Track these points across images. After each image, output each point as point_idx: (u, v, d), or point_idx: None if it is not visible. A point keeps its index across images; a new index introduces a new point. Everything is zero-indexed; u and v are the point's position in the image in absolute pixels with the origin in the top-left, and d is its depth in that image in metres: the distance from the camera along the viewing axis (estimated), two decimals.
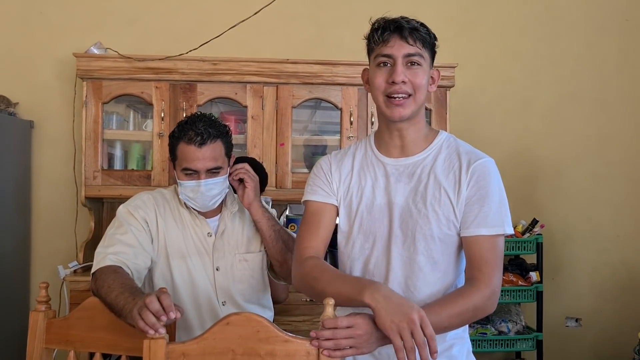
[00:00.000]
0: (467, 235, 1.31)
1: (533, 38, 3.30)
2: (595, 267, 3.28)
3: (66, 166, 3.03)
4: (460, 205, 1.31)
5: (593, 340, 3.28)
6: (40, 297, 1.50)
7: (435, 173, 1.34)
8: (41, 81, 3.06)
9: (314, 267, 1.34)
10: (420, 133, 1.39)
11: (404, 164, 1.38)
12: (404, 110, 1.32)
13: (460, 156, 1.35)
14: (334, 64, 2.82)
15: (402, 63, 1.30)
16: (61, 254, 2.99)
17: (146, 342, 1.17)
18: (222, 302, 1.73)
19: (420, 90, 1.32)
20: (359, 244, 1.39)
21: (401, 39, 1.30)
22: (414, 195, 1.34)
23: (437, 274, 1.34)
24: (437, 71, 1.40)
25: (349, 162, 1.45)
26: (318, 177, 1.46)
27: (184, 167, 1.66)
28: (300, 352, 1.19)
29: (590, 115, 3.31)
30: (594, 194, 3.29)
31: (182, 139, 1.66)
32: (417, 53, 1.31)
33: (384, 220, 1.36)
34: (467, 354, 1.41)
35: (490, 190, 1.31)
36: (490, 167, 1.33)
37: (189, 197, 1.69)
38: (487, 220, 1.29)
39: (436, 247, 1.33)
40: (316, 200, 1.43)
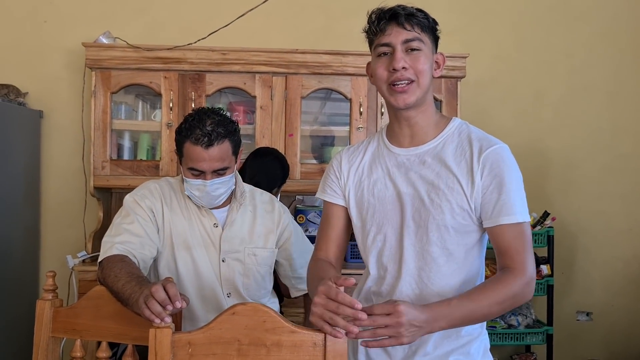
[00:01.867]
0: (490, 226, 1.28)
1: (546, 28, 3.25)
2: (606, 261, 3.24)
3: (75, 156, 3.04)
4: (475, 194, 1.27)
5: (604, 334, 3.25)
6: (47, 286, 1.49)
7: (447, 161, 1.31)
8: (50, 71, 3.06)
9: (311, 269, 1.43)
10: (429, 120, 1.36)
11: (415, 153, 1.35)
12: (409, 97, 1.29)
13: (471, 143, 1.31)
14: (343, 54, 2.79)
15: (401, 50, 1.28)
16: (70, 244, 3.00)
17: (152, 331, 1.17)
18: (227, 294, 1.72)
19: (423, 75, 1.29)
20: (372, 236, 1.38)
21: (398, 26, 1.28)
22: (426, 185, 1.31)
23: (452, 266, 1.31)
24: (442, 55, 1.36)
25: (361, 155, 1.44)
26: (328, 174, 1.48)
27: (190, 166, 1.63)
28: (306, 343, 1.18)
29: (603, 107, 3.26)
30: (606, 187, 3.25)
31: (188, 138, 1.60)
32: (415, 38, 1.28)
33: (396, 211, 1.34)
34: (484, 352, 1.36)
35: (507, 177, 1.26)
36: (503, 153, 1.29)
37: (195, 195, 1.68)
38: (507, 209, 1.25)
39: (450, 238, 1.29)
40: (326, 200, 1.47)
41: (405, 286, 1.32)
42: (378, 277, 1.38)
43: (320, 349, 1.17)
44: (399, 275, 1.33)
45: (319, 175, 2.79)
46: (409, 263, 1.32)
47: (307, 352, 1.17)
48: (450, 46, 2.68)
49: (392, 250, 1.35)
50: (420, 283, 1.31)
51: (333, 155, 2.87)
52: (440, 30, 1.36)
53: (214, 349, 1.17)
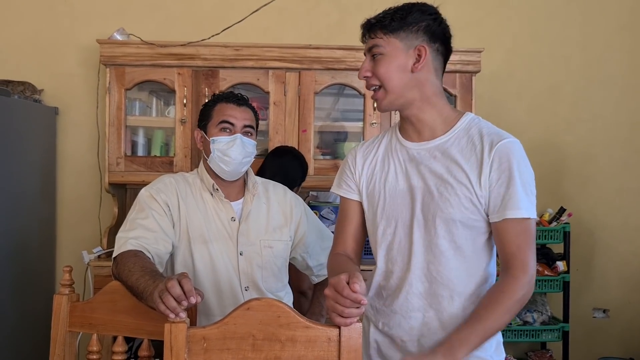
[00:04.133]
0: (495, 220, 1.28)
1: (562, 21, 3.21)
2: (624, 258, 3.20)
3: (90, 152, 3.06)
4: (483, 189, 1.27)
5: (620, 331, 3.21)
6: (64, 281, 1.50)
7: (456, 156, 1.31)
8: (65, 68, 3.09)
9: (330, 263, 1.46)
10: (434, 117, 1.36)
11: (426, 148, 1.36)
12: (380, 102, 1.35)
13: (482, 137, 1.31)
14: (357, 49, 2.77)
15: (369, 59, 1.35)
16: (85, 240, 3.03)
17: (167, 325, 1.17)
18: (245, 288, 1.72)
19: (387, 79, 1.32)
20: (382, 229, 1.39)
21: (364, 37, 1.36)
22: (435, 179, 1.32)
23: (460, 260, 1.31)
24: (422, 47, 1.31)
25: (375, 149, 1.46)
26: (343, 169, 1.50)
27: (222, 120, 1.72)
28: (321, 338, 1.18)
29: (621, 101, 3.22)
30: (623, 183, 3.21)
31: (220, 100, 1.76)
32: (374, 45, 1.33)
33: (406, 205, 1.36)
34: (496, 346, 1.36)
35: (516, 172, 1.25)
36: (513, 148, 1.28)
37: (222, 157, 1.70)
38: (514, 203, 1.24)
39: (458, 232, 1.30)
40: (342, 196, 1.49)
41: (415, 279, 1.33)
42: (386, 271, 1.39)
43: (334, 345, 1.17)
44: (408, 269, 1.34)
45: (333, 171, 2.79)
46: (417, 256, 1.33)
47: (322, 348, 1.17)
48: (464, 40, 2.67)
49: (401, 244, 1.36)
50: (429, 276, 1.32)
51: (347, 151, 2.88)
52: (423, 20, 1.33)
53: (229, 344, 1.18)
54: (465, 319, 1.26)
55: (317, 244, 1.89)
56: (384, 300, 1.39)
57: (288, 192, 1.89)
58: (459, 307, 1.31)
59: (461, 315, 1.31)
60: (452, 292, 1.31)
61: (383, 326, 1.39)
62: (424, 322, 1.33)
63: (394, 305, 1.36)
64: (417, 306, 1.34)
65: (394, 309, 1.36)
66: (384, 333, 1.40)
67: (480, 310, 1.24)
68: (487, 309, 1.23)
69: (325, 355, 1.17)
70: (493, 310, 1.23)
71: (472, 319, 1.23)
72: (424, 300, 1.33)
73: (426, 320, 1.33)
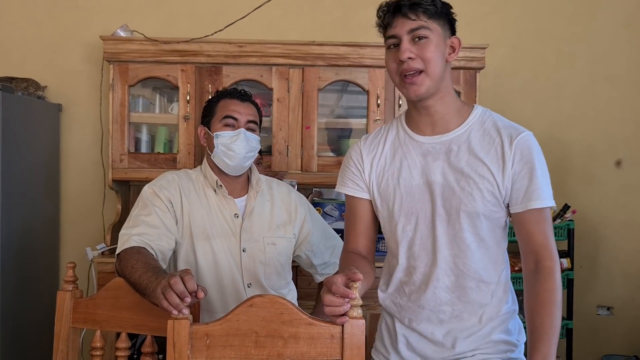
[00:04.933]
0: (519, 211, 1.31)
1: (567, 17, 3.19)
2: (628, 255, 3.19)
3: (94, 149, 3.06)
4: (506, 181, 1.30)
5: (625, 329, 3.20)
6: (67, 277, 1.51)
7: (475, 150, 1.32)
8: (69, 64, 3.09)
9: (341, 261, 1.45)
10: (450, 108, 1.36)
11: (440, 142, 1.36)
12: (419, 87, 1.30)
13: (500, 131, 1.33)
14: (360, 45, 2.77)
15: (407, 40, 1.29)
16: (89, 236, 3.03)
17: (170, 322, 1.17)
18: (248, 284, 1.73)
19: (431, 63, 1.29)
20: (401, 226, 1.38)
21: (403, 17, 1.29)
22: (455, 174, 1.32)
23: (484, 251, 1.34)
24: (457, 39, 1.36)
25: (381, 144, 1.43)
26: (348, 167, 1.47)
27: (226, 115, 1.73)
28: (324, 335, 1.18)
29: (626, 98, 3.20)
30: (628, 180, 3.19)
31: (224, 96, 1.78)
32: (420, 26, 1.29)
33: (425, 200, 1.35)
34: (519, 329, 1.42)
35: (536, 164, 1.30)
36: (532, 141, 1.33)
37: (226, 152, 1.70)
38: (538, 194, 1.29)
39: (482, 224, 1.32)
40: (348, 194, 1.47)
41: (442, 274, 1.34)
42: (408, 267, 1.38)
43: (337, 341, 1.17)
44: (434, 264, 1.34)
45: (336, 167, 2.78)
46: (443, 251, 1.34)
47: (325, 344, 1.17)
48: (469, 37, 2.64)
49: (423, 239, 1.36)
50: (456, 270, 1.34)
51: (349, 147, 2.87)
52: (456, 13, 1.35)
53: (231, 341, 1.18)
54: (532, 334, 1.26)
55: (321, 242, 1.90)
56: (408, 297, 1.39)
57: (292, 190, 1.90)
58: (488, 294, 1.35)
59: (490, 301, 1.35)
60: (479, 282, 1.34)
61: (410, 322, 1.39)
62: (453, 314, 1.35)
63: (420, 300, 1.37)
64: (445, 300, 1.35)
65: (421, 304, 1.37)
66: (412, 328, 1.40)
67: (539, 318, 1.26)
68: (544, 315, 1.26)
69: (328, 352, 1.17)
70: (550, 313, 1.25)
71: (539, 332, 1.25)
72: (452, 293, 1.34)
73: (456, 312, 1.35)
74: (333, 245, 1.94)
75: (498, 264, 1.36)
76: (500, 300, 1.36)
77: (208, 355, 1.18)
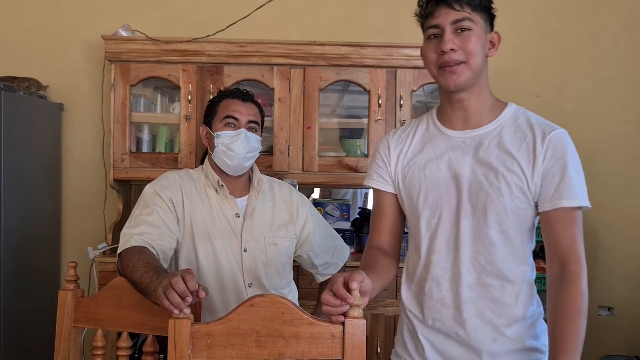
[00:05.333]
0: (546, 209, 1.26)
1: (569, 17, 3.19)
2: (630, 255, 3.18)
3: (95, 149, 3.07)
4: (535, 177, 1.26)
5: (625, 329, 3.19)
6: (69, 277, 1.51)
7: (505, 145, 1.29)
8: (70, 64, 3.09)
9: (363, 257, 1.42)
10: (484, 103, 1.34)
11: (471, 136, 1.33)
12: (458, 77, 1.27)
13: (532, 127, 1.30)
14: (362, 45, 2.77)
15: (450, 31, 1.26)
16: (90, 236, 3.04)
17: (171, 321, 1.17)
18: (249, 284, 1.73)
19: (473, 55, 1.27)
20: (425, 219, 1.35)
21: (447, 7, 1.26)
22: (483, 168, 1.29)
23: (509, 249, 1.30)
24: (497, 34, 1.34)
25: (409, 138, 1.41)
26: (374, 160, 1.46)
27: (227, 115, 1.73)
28: (325, 335, 1.17)
29: (628, 99, 3.20)
30: (630, 180, 3.19)
31: (226, 96, 1.78)
32: (465, 18, 1.26)
33: (451, 194, 1.32)
34: (545, 331, 1.35)
35: (569, 161, 1.26)
36: (566, 138, 1.29)
37: (226, 152, 1.70)
38: (568, 192, 1.25)
39: (509, 221, 1.28)
40: (375, 188, 1.45)
41: (464, 270, 1.30)
42: (428, 262, 1.35)
43: (338, 341, 1.17)
44: (455, 259, 1.31)
45: (337, 167, 2.79)
46: (465, 246, 1.30)
47: (325, 344, 1.17)
48: None
49: (446, 234, 1.33)
50: (478, 266, 1.30)
51: (351, 148, 2.88)
52: (496, 9, 1.33)
53: (232, 340, 1.18)
54: (554, 344, 1.20)
55: (322, 242, 1.89)
56: (431, 294, 1.35)
57: (294, 190, 1.90)
58: (512, 295, 1.30)
59: (516, 302, 1.30)
60: (503, 280, 1.30)
61: (434, 322, 1.35)
62: (476, 313, 1.31)
63: (444, 299, 1.33)
64: (467, 298, 1.31)
65: (443, 302, 1.33)
66: (437, 329, 1.35)
67: (562, 327, 1.20)
68: (568, 323, 1.20)
69: (329, 352, 1.17)
70: (574, 321, 1.20)
71: (561, 342, 1.19)
72: (474, 291, 1.31)
73: (478, 311, 1.31)
74: (334, 246, 1.94)
75: (523, 264, 1.32)
76: (526, 303, 1.32)
77: (209, 355, 1.18)
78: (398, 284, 2.58)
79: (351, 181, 2.80)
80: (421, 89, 2.85)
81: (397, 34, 3.03)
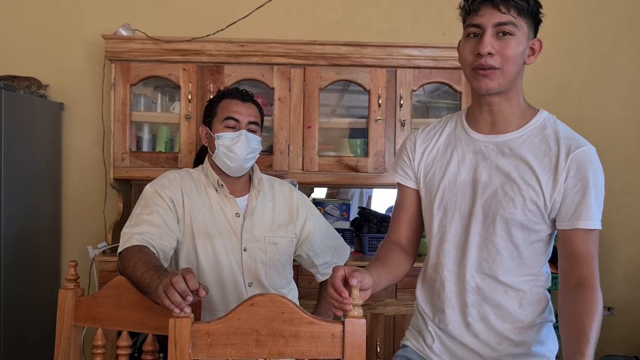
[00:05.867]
0: (566, 228, 1.24)
1: (569, 17, 3.19)
2: (630, 255, 3.19)
3: (95, 148, 3.07)
4: (555, 194, 1.24)
5: (625, 329, 3.20)
6: (69, 275, 1.51)
7: (527, 155, 1.26)
8: (71, 63, 3.09)
9: (377, 250, 1.42)
10: (514, 109, 1.31)
11: (495, 142, 1.31)
12: (491, 82, 1.24)
13: (559, 140, 1.26)
14: (362, 45, 2.77)
15: (491, 33, 1.22)
16: (90, 235, 3.04)
17: (171, 320, 1.18)
18: (249, 284, 1.73)
19: (510, 62, 1.23)
20: (438, 220, 1.35)
21: (492, 7, 1.21)
22: (501, 176, 1.27)
23: (516, 260, 1.28)
24: (539, 41, 1.29)
25: (436, 136, 1.41)
26: (400, 155, 1.46)
27: (227, 116, 1.73)
28: (324, 334, 1.18)
29: (628, 99, 3.20)
30: (630, 180, 3.19)
31: (225, 97, 1.77)
32: (509, 22, 1.21)
33: (466, 198, 1.31)
34: (552, 339, 1.37)
35: (592, 181, 1.23)
36: (592, 156, 1.25)
37: (227, 153, 1.70)
38: (587, 215, 1.22)
39: (518, 233, 1.26)
40: (397, 181, 1.46)
41: (468, 275, 1.30)
42: (436, 263, 1.36)
43: (338, 340, 1.17)
44: (461, 263, 1.31)
45: (337, 167, 2.79)
46: (472, 252, 1.30)
47: (325, 344, 1.18)
48: None
49: (456, 237, 1.33)
50: (481, 273, 1.30)
51: (351, 147, 2.88)
52: (544, 14, 1.28)
53: (233, 340, 1.18)
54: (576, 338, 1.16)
55: (322, 242, 1.89)
56: (439, 296, 1.36)
57: (294, 190, 1.89)
58: (515, 301, 1.30)
59: (518, 307, 1.30)
60: (506, 287, 1.29)
61: (439, 322, 1.37)
62: (480, 317, 1.31)
63: (449, 301, 1.33)
64: (471, 302, 1.31)
65: (450, 304, 1.34)
66: (442, 329, 1.37)
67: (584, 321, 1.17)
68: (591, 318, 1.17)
69: (329, 351, 1.17)
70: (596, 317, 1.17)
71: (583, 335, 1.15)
72: (478, 295, 1.31)
73: (483, 315, 1.31)
74: (334, 245, 1.94)
75: (531, 275, 1.30)
76: (534, 309, 1.32)
77: (209, 354, 1.18)
78: (398, 284, 2.58)
79: (351, 181, 2.81)
80: (421, 88, 2.85)
81: (398, 33, 3.03)
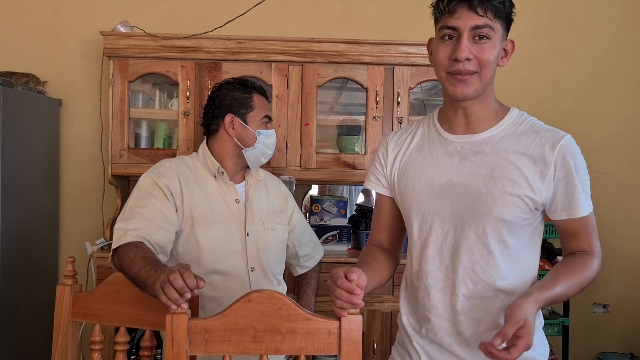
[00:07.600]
0: (558, 219, 1.25)
1: (565, 15, 3.20)
2: (625, 253, 3.20)
3: (93, 144, 3.07)
4: (545, 187, 1.22)
5: (621, 326, 3.22)
6: (67, 272, 1.52)
7: (508, 152, 1.24)
8: (69, 60, 3.09)
9: (361, 253, 1.42)
10: (488, 110, 1.28)
11: (471, 141, 1.27)
12: (467, 88, 1.21)
13: (539, 134, 1.25)
14: (360, 42, 2.77)
15: (468, 37, 1.18)
16: (88, 231, 3.05)
17: (169, 317, 1.18)
18: (251, 268, 1.73)
19: (487, 67, 1.21)
20: (417, 226, 1.31)
21: (469, 9, 1.17)
22: (482, 175, 1.23)
23: (507, 259, 1.25)
24: (512, 42, 1.27)
25: (409, 139, 1.37)
26: (374, 162, 1.44)
27: (266, 114, 1.79)
28: (321, 331, 1.19)
29: (625, 96, 3.21)
30: (626, 178, 3.21)
31: (256, 90, 1.80)
32: (486, 25, 1.18)
33: (445, 202, 1.26)
34: (543, 343, 1.34)
35: (575, 169, 1.24)
36: (573, 144, 1.26)
37: (264, 150, 1.79)
38: (579, 202, 1.23)
39: (507, 231, 1.23)
40: (370, 189, 1.47)
41: (458, 281, 1.26)
42: (420, 270, 1.31)
43: (335, 337, 1.18)
44: (449, 269, 1.27)
45: (335, 164, 2.80)
46: (462, 256, 1.25)
47: (322, 340, 1.19)
48: None
49: (438, 242, 1.28)
50: (474, 277, 1.25)
51: (349, 145, 2.89)
52: (516, 14, 1.25)
53: (229, 336, 1.19)
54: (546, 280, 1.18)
55: (305, 235, 1.98)
56: (423, 304, 1.32)
57: (281, 184, 1.97)
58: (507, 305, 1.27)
59: None
60: (498, 291, 1.25)
61: (427, 332, 1.32)
62: (471, 325, 1.27)
63: (435, 309, 1.29)
64: (462, 309, 1.27)
65: (437, 313, 1.29)
66: (430, 339, 1.32)
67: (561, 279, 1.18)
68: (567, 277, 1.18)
69: (325, 347, 1.18)
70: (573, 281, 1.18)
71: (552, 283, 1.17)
72: (469, 301, 1.26)
73: (474, 322, 1.27)
74: (313, 240, 2.03)
75: (524, 274, 1.27)
76: None
77: (206, 350, 1.19)
78: (395, 281, 2.60)
79: (348, 178, 2.82)
80: (419, 86, 2.86)
81: (395, 31, 3.04)
